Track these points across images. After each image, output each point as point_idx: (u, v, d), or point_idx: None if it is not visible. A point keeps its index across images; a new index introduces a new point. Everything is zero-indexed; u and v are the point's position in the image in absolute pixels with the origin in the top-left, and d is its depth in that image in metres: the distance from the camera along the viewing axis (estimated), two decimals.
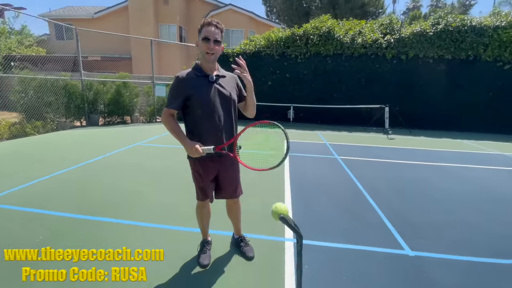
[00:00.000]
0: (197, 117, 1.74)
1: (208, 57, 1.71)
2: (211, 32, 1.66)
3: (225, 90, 1.79)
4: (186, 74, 1.74)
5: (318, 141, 7.00)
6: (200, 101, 1.70)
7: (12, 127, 6.30)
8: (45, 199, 2.98)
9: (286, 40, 9.80)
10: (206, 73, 1.75)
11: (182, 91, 1.70)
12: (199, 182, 1.88)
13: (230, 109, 1.84)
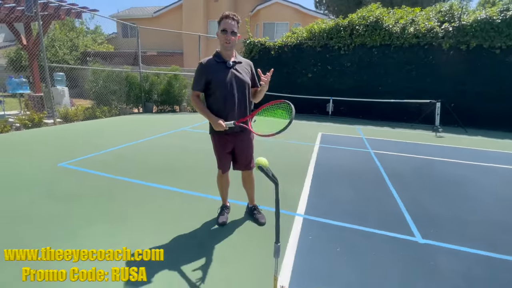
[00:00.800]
0: (216, 98, 2.05)
1: (226, 46, 2.00)
2: (228, 24, 1.94)
3: (240, 75, 2.07)
4: (207, 61, 2.06)
5: (354, 135, 6.84)
6: (219, 84, 2.01)
7: (85, 110, 7.61)
8: (104, 165, 3.69)
9: (329, 31, 9.59)
10: (224, 60, 2.05)
11: (204, 76, 2.02)
12: (217, 153, 2.22)
13: (245, 91, 2.12)
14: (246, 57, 10.53)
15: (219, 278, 1.72)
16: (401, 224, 2.49)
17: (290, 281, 1.71)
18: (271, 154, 4.71)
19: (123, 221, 2.35)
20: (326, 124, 8.49)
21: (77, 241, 2.02)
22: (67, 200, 2.66)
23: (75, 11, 7.16)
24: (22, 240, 2.01)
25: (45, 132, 5.80)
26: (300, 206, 2.76)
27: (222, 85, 2.01)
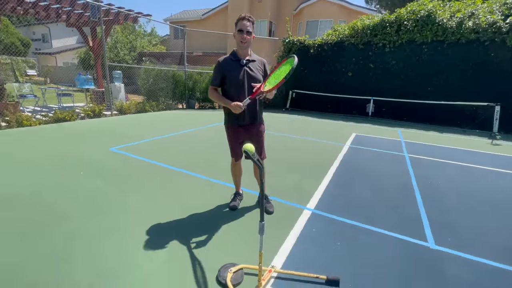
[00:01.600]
0: (229, 92, 2.25)
1: (241, 45, 2.19)
2: (244, 25, 2.12)
3: (252, 72, 2.24)
4: (224, 59, 2.27)
5: (392, 138, 6.46)
6: (232, 80, 2.21)
7: (137, 105, 8.57)
8: (145, 151, 4.21)
9: (373, 27, 9.11)
10: (239, 58, 2.24)
11: (220, 72, 2.24)
12: (230, 143, 2.43)
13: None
14: (285, 56, 10.62)
15: (220, 248, 1.93)
16: (415, 229, 2.39)
17: (282, 265, 1.83)
18: (296, 150, 4.78)
19: (151, 197, 2.72)
20: (364, 125, 8.13)
21: (112, 206, 2.43)
22: (111, 177, 3.16)
23: (132, 16, 8.12)
24: (76, 202, 2.49)
25: (103, 121, 6.75)
26: (312, 201, 2.82)
27: (235, 81, 2.21)
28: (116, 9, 7.35)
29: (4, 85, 6.80)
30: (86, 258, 1.79)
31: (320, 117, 9.60)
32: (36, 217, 2.26)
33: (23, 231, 2.06)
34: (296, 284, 1.67)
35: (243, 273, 1.71)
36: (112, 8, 7.25)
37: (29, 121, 5.86)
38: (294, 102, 11.14)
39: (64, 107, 8.03)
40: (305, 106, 11.04)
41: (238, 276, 1.67)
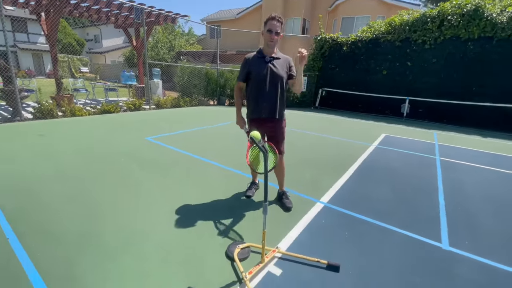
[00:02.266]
0: (251, 87, 2.39)
1: (269, 44, 2.28)
2: (273, 25, 2.21)
3: (275, 69, 2.31)
4: (250, 56, 2.40)
5: (426, 140, 6.11)
6: (255, 75, 2.33)
7: (172, 100, 9.19)
8: (175, 142, 4.58)
9: (413, 23, 8.60)
10: (264, 55, 2.34)
11: (245, 68, 2.38)
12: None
13: (277, 84, 2.35)
14: (316, 54, 10.53)
15: (233, 228, 2.12)
16: (430, 230, 2.34)
17: (287, 248, 1.97)
18: (318, 148, 4.81)
19: (176, 180, 3.01)
20: (396, 126, 7.76)
21: (143, 186, 2.77)
22: (144, 163, 3.54)
23: (170, 17, 8.71)
24: (113, 180, 2.88)
25: (141, 114, 7.40)
26: (326, 195, 2.88)
27: (258, 76, 2.32)
28: (157, 11, 7.96)
29: (61, 80, 7.79)
30: (117, 220, 2.11)
31: (349, 116, 9.36)
32: (82, 188, 2.68)
33: (72, 197, 2.47)
34: (297, 265, 1.80)
35: (249, 250, 1.88)
36: (153, 10, 7.87)
37: (80, 112, 6.67)
38: (324, 100, 10.98)
39: (110, 101, 8.92)
40: (335, 105, 10.82)
41: (245, 252, 1.85)
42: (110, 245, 1.88)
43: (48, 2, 6.75)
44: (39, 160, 3.41)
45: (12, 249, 1.79)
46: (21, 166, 3.19)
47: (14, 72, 5.30)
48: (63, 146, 4.05)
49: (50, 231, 2.01)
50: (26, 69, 21.26)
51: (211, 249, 1.91)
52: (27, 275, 1.58)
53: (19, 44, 21.37)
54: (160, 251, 1.85)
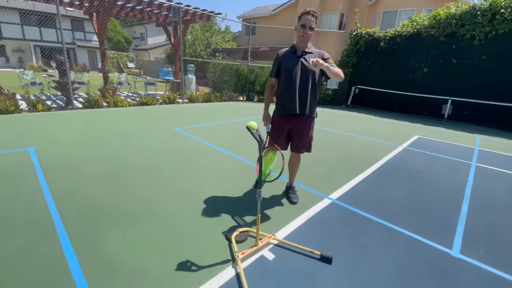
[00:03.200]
0: (281, 82, 2.33)
1: (302, 39, 2.21)
2: (308, 20, 2.14)
3: (307, 64, 2.21)
4: (282, 51, 2.38)
5: (465, 144, 5.60)
6: (285, 69, 2.28)
7: (204, 95, 9.63)
8: (201, 133, 4.86)
9: (460, 17, 7.82)
10: (296, 50, 2.28)
11: (276, 63, 2.36)
12: (273, 131, 2.45)
13: (308, 79, 2.26)
14: (351, 49, 10.16)
15: (240, 215, 2.26)
16: (443, 236, 2.23)
17: (285, 237, 2.04)
18: (340, 146, 4.71)
19: (196, 168, 3.25)
20: (434, 129, 7.20)
21: (165, 170, 3.04)
22: (169, 150, 3.85)
23: (205, 15, 9.09)
24: (142, 163, 3.21)
25: (175, 107, 7.91)
26: (336, 192, 2.87)
27: (288, 70, 2.27)
28: (193, 9, 8.38)
29: (108, 74, 8.65)
30: (138, 195, 2.38)
31: (383, 116, 8.89)
32: (114, 167, 3.04)
33: (106, 174, 2.83)
34: (291, 253, 1.87)
35: (248, 234, 2.00)
36: (189, 9, 8.29)
37: (122, 103, 7.36)
38: (357, 98, 10.55)
39: (149, 94, 9.65)
40: (368, 104, 10.35)
41: (243, 236, 1.97)
42: (130, 213, 2.16)
43: (98, 3, 7.52)
44: (83, 143, 3.92)
45: (50, 214, 2.14)
46: (68, 147, 3.70)
47: (68, 66, 6.06)
48: (104, 132, 4.57)
49: (82, 200, 2.36)
50: (82, 64, 23.79)
51: (216, 230, 2.07)
52: (57, 234, 1.90)
53: (77, 42, 23.96)
54: (171, 224, 2.07)
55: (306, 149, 2.52)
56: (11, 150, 3.47)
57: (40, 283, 1.49)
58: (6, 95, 6.09)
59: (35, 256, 1.69)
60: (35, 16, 21.10)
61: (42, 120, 5.23)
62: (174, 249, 1.83)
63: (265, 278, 1.63)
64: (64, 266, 1.62)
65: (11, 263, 1.61)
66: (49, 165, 3.06)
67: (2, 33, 20.46)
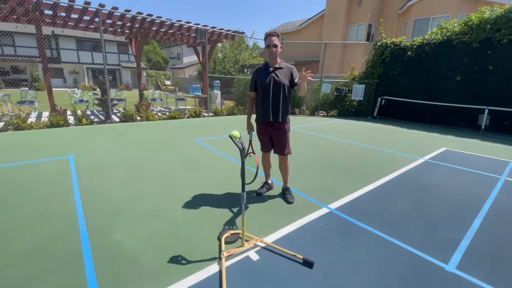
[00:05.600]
0: (259, 95, 2.73)
1: (271, 56, 2.63)
2: (270, 40, 2.55)
3: (278, 78, 2.62)
4: (257, 68, 2.77)
5: (500, 158, 5.13)
6: (260, 84, 2.68)
7: (228, 109, 10.11)
8: (218, 144, 5.16)
9: (495, 21, 7.31)
10: (268, 67, 2.67)
11: (254, 79, 2.75)
12: (258, 137, 2.89)
13: (280, 91, 2.64)
14: (376, 60, 10.00)
15: (235, 217, 2.43)
16: (442, 250, 2.14)
17: (274, 241, 2.16)
18: (353, 158, 4.65)
19: (206, 175, 3.51)
20: (467, 141, 6.68)
21: (179, 176, 3.35)
22: (185, 159, 4.19)
23: (230, 35, 9.70)
24: (159, 169, 3.57)
25: (200, 120, 8.44)
26: (336, 203, 2.90)
27: (262, 85, 2.67)
28: (218, 30, 9.03)
29: (143, 91, 9.58)
30: (150, 198, 2.68)
31: (410, 127, 8.46)
32: (135, 173, 3.43)
33: (127, 180, 3.21)
34: (275, 256, 1.98)
35: (238, 236, 2.16)
36: (214, 30, 8.96)
37: (153, 117, 8.08)
38: (383, 110, 10.20)
39: (178, 109, 10.41)
40: (396, 115, 9.93)
41: (233, 237, 2.14)
42: (139, 214, 2.47)
43: (136, 30, 8.51)
44: (113, 152, 4.46)
45: (76, 211, 2.53)
46: (100, 156, 4.24)
47: (108, 86, 6.92)
48: (132, 143, 5.12)
49: (104, 200, 2.73)
50: (126, 83, 26.37)
51: (211, 231, 2.26)
52: (79, 227, 2.25)
53: (122, 63, 26.74)
54: (173, 225, 2.32)
55: (286, 151, 2.81)
56: (55, 158, 4.09)
57: (59, 261, 1.81)
58: (58, 111, 7.11)
59: (60, 243, 2.04)
60: (88, 42, 24.18)
61: (84, 133, 6.01)
62: (171, 245, 2.06)
63: (245, 276, 1.77)
64: (79, 251, 1.94)
65: (43, 247, 1.98)
66: (83, 171, 3.57)
67: (61, 57, 23.72)
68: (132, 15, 7.62)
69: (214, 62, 19.58)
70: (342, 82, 10.74)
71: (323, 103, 10.82)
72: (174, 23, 8.31)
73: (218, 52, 20.26)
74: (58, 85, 23.40)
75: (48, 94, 7.34)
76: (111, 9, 7.09)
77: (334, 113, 10.78)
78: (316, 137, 6.38)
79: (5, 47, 21.89)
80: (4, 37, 21.61)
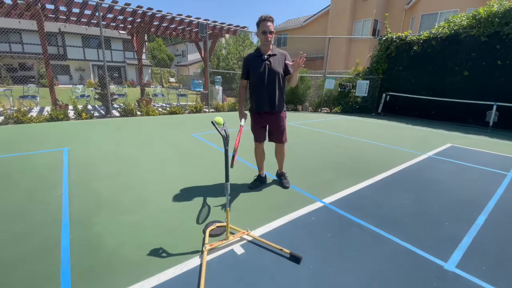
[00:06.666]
0: (252, 83, 2.62)
1: (266, 43, 2.50)
2: (267, 26, 2.42)
3: (272, 65, 2.53)
4: (249, 55, 2.64)
5: (507, 154, 4.92)
6: (254, 72, 2.56)
7: (229, 105, 10.01)
8: (215, 138, 5.07)
9: (504, 14, 7.02)
10: (261, 54, 2.55)
11: (245, 67, 2.63)
12: (252, 127, 2.80)
13: (275, 80, 2.56)
14: (381, 55, 9.77)
15: (223, 210, 2.34)
16: (442, 248, 2.00)
17: (261, 235, 2.05)
18: (354, 153, 4.51)
19: (199, 168, 3.42)
20: (474, 137, 6.45)
21: (173, 168, 3.27)
22: (181, 152, 4.11)
23: (231, 30, 9.58)
24: (153, 161, 3.50)
25: (200, 116, 8.37)
26: (332, 197, 2.77)
27: (256, 73, 2.56)
28: (219, 24, 8.92)
29: (145, 87, 9.55)
30: (138, 190, 2.61)
31: (416, 123, 8.23)
32: (128, 167, 3.36)
33: (118, 172, 3.15)
34: (261, 250, 1.88)
35: (225, 229, 2.06)
36: (216, 24, 8.85)
37: (153, 112, 8.04)
38: (388, 106, 9.97)
39: (180, 104, 10.36)
40: (401, 111, 9.69)
41: (219, 230, 2.04)
42: (125, 206, 2.39)
43: (137, 25, 8.46)
44: (108, 145, 4.40)
45: (62, 201, 2.47)
46: (95, 149, 4.19)
47: (108, 80, 6.89)
48: (129, 137, 5.06)
49: (91, 192, 2.66)
50: (131, 80, 26.50)
51: (198, 224, 2.17)
52: (62, 217, 2.19)
53: (127, 60, 26.86)
54: (157, 218, 2.23)
55: (283, 138, 2.78)
56: (50, 150, 4.06)
57: (35, 251, 1.74)
58: (60, 106, 7.12)
59: (39, 234, 1.97)
60: (94, 39, 24.33)
61: (83, 126, 5.99)
62: (153, 238, 1.97)
63: (227, 270, 1.67)
64: (58, 242, 1.87)
65: (22, 237, 1.91)
66: (74, 163, 3.51)
67: (68, 55, 23.94)
68: (133, 9, 7.57)
69: (218, 58, 19.49)
70: (346, 78, 10.53)
71: (327, 99, 10.63)
72: (174, 17, 8.23)
73: (222, 49, 20.15)
74: (64, 82, 23.66)
75: (50, 89, 7.35)
76: (111, 2, 7.04)
77: (338, 110, 10.58)
78: (317, 133, 6.25)
79: (13, 44, 22.19)
80: (12, 34, 21.91)
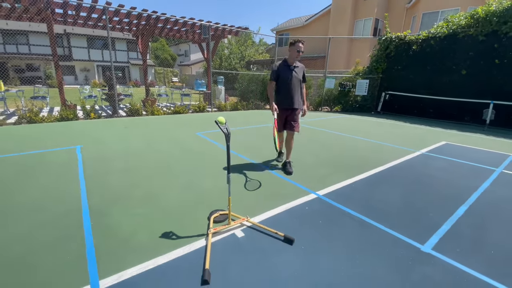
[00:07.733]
0: (281, 86, 3.42)
1: (296, 59, 3.38)
2: (300, 47, 3.28)
3: (296, 74, 3.41)
4: (279, 64, 3.35)
5: (500, 151, 5.10)
6: (283, 78, 3.38)
7: (232, 104, 10.26)
8: (218, 137, 5.32)
9: (502, 13, 7.16)
10: (289, 64, 3.41)
11: (277, 72, 3.32)
12: (278, 118, 3.42)
13: (297, 85, 3.45)
14: (380, 54, 9.96)
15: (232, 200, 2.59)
16: (421, 233, 2.23)
17: (260, 221, 2.30)
18: (350, 150, 4.73)
19: (203, 164, 3.67)
20: (469, 135, 6.62)
21: (177, 165, 3.52)
22: (185, 150, 4.37)
23: (234, 31, 9.81)
24: (157, 159, 3.76)
25: (203, 115, 8.63)
26: (325, 189, 3.01)
27: (284, 78, 3.37)
28: (221, 26, 9.16)
29: (149, 87, 9.83)
30: (146, 185, 2.87)
31: (414, 122, 8.41)
32: (135, 163, 3.63)
33: (127, 168, 3.41)
34: (259, 234, 2.12)
35: (227, 217, 2.31)
36: (218, 26, 9.09)
37: (158, 112, 8.31)
38: (387, 105, 10.14)
39: (183, 104, 10.64)
40: (400, 110, 9.86)
41: (222, 217, 2.29)
42: (137, 198, 2.65)
43: (143, 27, 8.73)
44: (117, 143, 4.68)
45: (80, 195, 2.74)
46: (105, 146, 4.47)
47: (115, 81, 7.17)
48: (136, 135, 5.34)
49: (104, 186, 2.93)
50: (135, 80, 26.87)
51: (203, 213, 2.43)
52: (82, 209, 2.45)
53: (131, 61, 27.24)
54: (167, 208, 2.49)
55: (295, 127, 3.51)
56: (64, 148, 4.34)
57: (64, 237, 2.01)
58: (69, 106, 7.42)
59: (63, 221, 2.24)
60: (98, 40, 24.73)
61: (92, 126, 6.29)
62: (164, 225, 2.23)
63: (229, 250, 1.92)
64: (81, 229, 2.13)
65: (48, 226, 2.18)
66: (88, 160, 3.79)
67: (73, 55, 24.37)
68: (138, 12, 7.84)
69: (220, 58, 19.75)
70: (346, 77, 10.72)
71: (327, 98, 10.83)
72: (178, 19, 8.48)
73: (224, 49, 20.39)
74: (70, 82, 24.10)
75: (59, 90, 7.66)
76: (117, 6, 7.32)
77: (338, 109, 10.78)
78: (317, 131, 6.47)
79: (20, 45, 22.66)
80: (19, 36, 22.37)
